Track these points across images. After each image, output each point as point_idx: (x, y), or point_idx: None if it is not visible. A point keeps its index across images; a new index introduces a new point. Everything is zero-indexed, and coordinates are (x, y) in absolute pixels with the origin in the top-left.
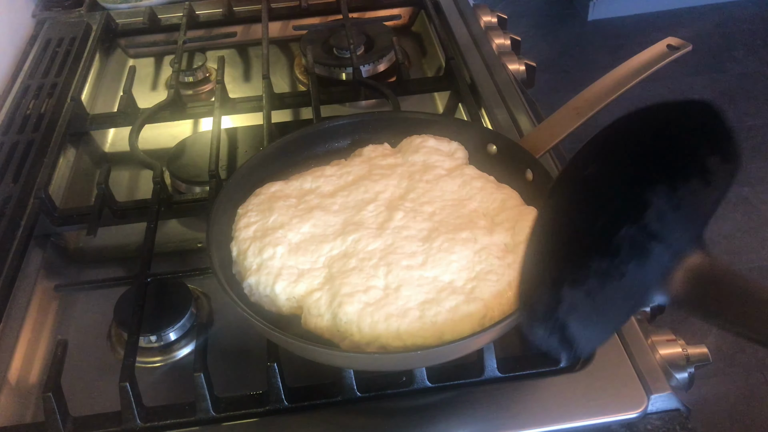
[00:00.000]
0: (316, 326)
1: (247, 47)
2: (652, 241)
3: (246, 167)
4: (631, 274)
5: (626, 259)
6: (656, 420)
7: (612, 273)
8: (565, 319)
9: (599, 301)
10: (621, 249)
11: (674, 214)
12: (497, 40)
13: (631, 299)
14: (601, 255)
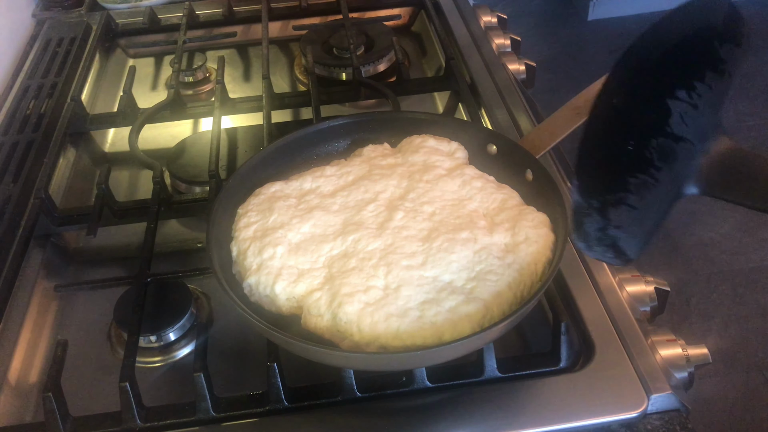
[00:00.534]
0: (316, 326)
1: (247, 47)
2: (679, 143)
3: (246, 167)
4: (665, 178)
5: (658, 166)
6: (656, 420)
7: (648, 183)
8: (615, 236)
9: (642, 210)
10: (653, 160)
11: (694, 112)
12: (497, 40)
13: (668, 197)
14: (637, 171)
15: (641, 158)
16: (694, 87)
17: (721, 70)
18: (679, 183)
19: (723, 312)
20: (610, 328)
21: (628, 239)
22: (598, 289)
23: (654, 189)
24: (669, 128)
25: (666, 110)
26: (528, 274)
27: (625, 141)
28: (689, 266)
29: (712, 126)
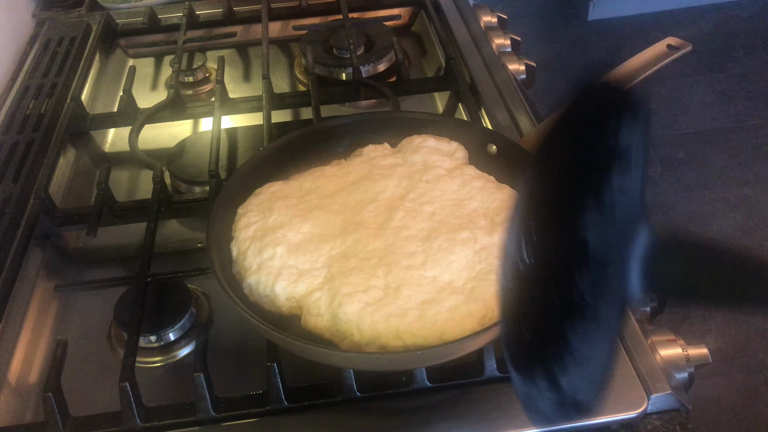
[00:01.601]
0: (315, 326)
1: (247, 47)
2: (607, 269)
3: (246, 167)
4: (604, 309)
5: (595, 305)
6: (656, 420)
7: (589, 328)
8: (573, 398)
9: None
10: (586, 303)
11: (612, 228)
12: (497, 40)
13: (614, 322)
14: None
15: (573, 307)
16: (603, 202)
17: (626, 166)
18: (621, 305)
19: (723, 312)
20: None
21: (586, 391)
22: None
23: (598, 330)
24: (592, 261)
25: (582, 243)
26: None
27: (551, 299)
28: None
29: (636, 226)
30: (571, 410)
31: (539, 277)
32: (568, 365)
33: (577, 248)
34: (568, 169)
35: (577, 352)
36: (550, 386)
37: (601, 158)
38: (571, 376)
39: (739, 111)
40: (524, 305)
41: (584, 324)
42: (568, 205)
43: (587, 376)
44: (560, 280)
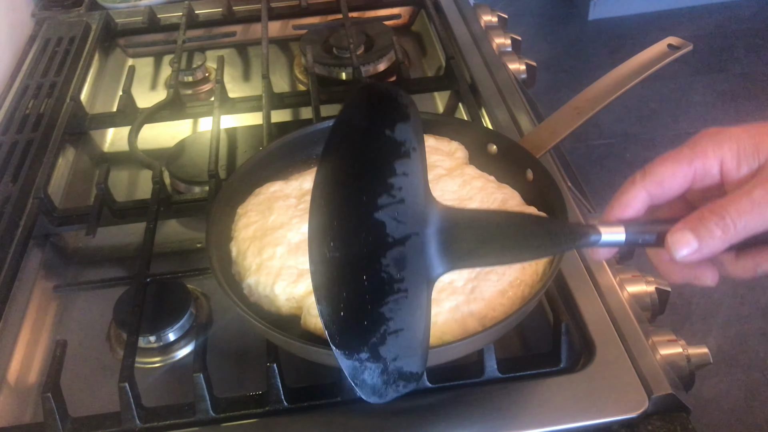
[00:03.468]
0: (315, 326)
1: (246, 47)
2: (406, 243)
3: (246, 167)
4: (411, 281)
5: (400, 277)
6: (657, 420)
7: (400, 299)
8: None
9: (407, 326)
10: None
11: (404, 206)
12: (497, 39)
13: (423, 293)
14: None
15: (380, 282)
16: (391, 185)
17: (404, 153)
18: (425, 274)
19: (723, 312)
20: (610, 329)
21: (409, 360)
22: (598, 289)
23: (407, 299)
24: (390, 237)
25: (379, 224)
26: (529, 273)
27: (359, 278)
28: None
29: (423, 204)
30: (396, 378)
31: (346, 259)
32: (384, 336)
33: (376, 229)
34: (354, 160)
35: (390, 321)
36: (371, 357)
37: (382, 149)
38: (389, 346)
39: (740, 111)
40: (336, 286)
41: (394, 296)
42: (362, 192)
43: (405, 344)
44: (365, 258)
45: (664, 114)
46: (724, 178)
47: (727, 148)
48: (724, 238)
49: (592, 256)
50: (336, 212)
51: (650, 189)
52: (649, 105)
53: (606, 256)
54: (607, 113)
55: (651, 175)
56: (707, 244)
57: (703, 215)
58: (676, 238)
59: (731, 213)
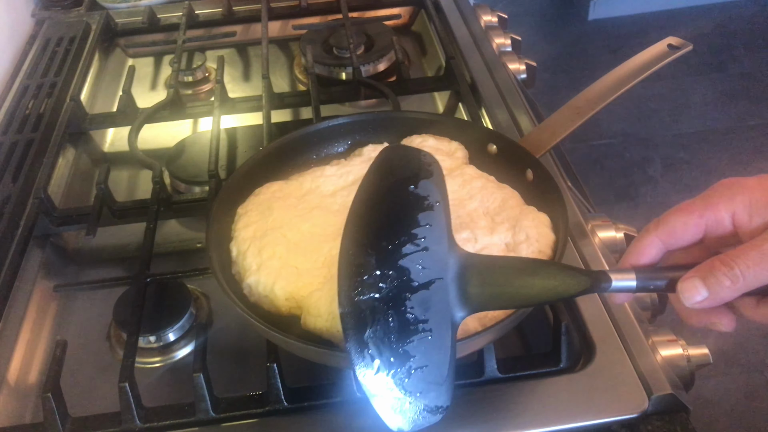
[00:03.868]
0: (315, 326)
1: (246, 47)
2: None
3: (246, 167)
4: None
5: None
6: (657, 420)
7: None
8: (423, 401)
9: (431, 363)
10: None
11: (428, 254)
12: (497, 39)
13: (447, 333)
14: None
15: (406, 322)
16: (415, 235)
17: (428, 206)
18: (447, 317)
19: None
20: (610, 329)
21: (434, 394)
22: None
23: (431, 338)
24: (415, 282)
25: (405, 271)
26: None
27: (386, 319)
28: None
29: (446, 252)
30: (421, 410)
31: (374, 304)
32: (410, 370)
33: (401, 274)
34: (381, 213)
35: (414, 358)
36: (398, 390)
37: (407, 203)
38: (414, 381)
39: (740, 111)
40: (364, 326)
41: (419, 335)
42: (388, 241)
43: (431, 379)
44: (392, 302)
45: (663, 114)
46: (738, 229)
47: (740, 200)
48: (734, 288)
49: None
50: (363, 260)
51: (663, 238)
52: (649, 105)
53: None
54: (607, 113)
55: (664, 225)
56: (716, 293)
57: (713, 265)
58: (687, 286)
59: (740, 264)
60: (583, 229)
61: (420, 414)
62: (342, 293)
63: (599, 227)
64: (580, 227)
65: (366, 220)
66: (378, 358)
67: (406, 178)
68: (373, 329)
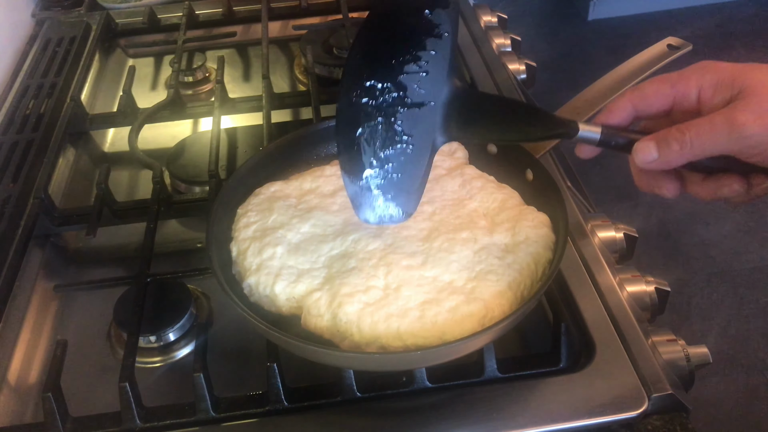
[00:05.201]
0: (315, 326)
1: (246, 47)
2: (421, 108)
3: (246, 167)
4: (418, 140)
5: (410, 134)
6: (656, 420)
7: (404, 151)
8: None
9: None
10: (403, 131)
11: (427, 77)
12: (497, 39)
13: (425, 153)
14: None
15: (392, 132)
16: (419, 57)
17: (438, 34)
18: (430, 138)
19: (723, 312)
20: (610, 329)
21: (402, 200)
22: (598, 289)
23: (411, 152)
24: (409, 99)
25: (402, 86)
26: (528, 274)
27: (376, 122)
28: (689, 266)
29: (444, 80)
30: (387, 209)
31: (368, 105)
32: (387, 174)
33: (400, 89)
34: (393, 30)
35: (392, 165)
36: (370, 187)
37: (419, 26)
38: (387, 183)
39: None
40: (355, 124)
41: (401, 146)
42: (393, 57)
43: (402, 186)
44: (384, 111)
45: None
46: (701, 105)
47: (708, 78)
48: (681, 153)
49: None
50: (368, 67)
51: (635, 102)
52: None
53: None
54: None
55: (638, 90)
56: (665, 155)
57: (669, 131)
58: (641, 147)
59: (691, 132)
60: (583, 229)
61: (386, 212)
62: (342, 92)
63: (599, 227)
64: (580, 227)
65: (378, 33)
66: (362, 156)
67: (423, 2)
68: (363, 130)
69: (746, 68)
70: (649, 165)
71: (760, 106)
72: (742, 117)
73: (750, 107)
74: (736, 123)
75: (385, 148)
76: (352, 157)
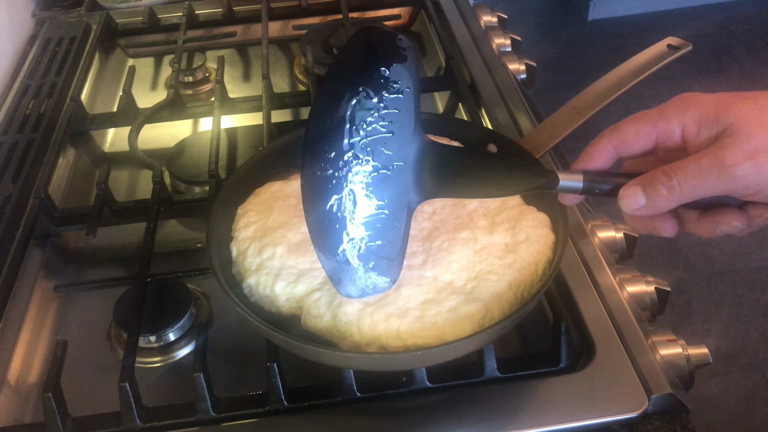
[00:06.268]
0: (315, 326)
1: (246, 47)
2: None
3: (246, 167)
4: (392, 203)
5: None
6: (656, 420)
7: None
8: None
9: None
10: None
11: (393, 138)
12: (497, 40)
13: (402, 214)
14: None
15: (364, 202)
16: (382, 118)
17: (398, 91)
18: (404, 200)
19: (723, 312)
20: (610, 329)
21: (386, 268)
22: (598, 289)
23: (386, 218)
24: (377, 164)
25: (368, 152)
26: (528, 274)
27: (346, 196)
28: (689, 266)
29: (412, 138)
30: (369, 280)
31: (333, 178)
32: (364, 245)
33: (365, 156)
34: (350, 96)
35: (369, 234)
36: (348, 260)
37: (378, 85)
38: (367, 254)
39: None
40: (322, 198)
41: (375, 214)
42: (354, 125)
43: (382, 254)
44: (353, 180)
45: None
46: (686, 143)
47: (691, 114)
48: (670, 198)
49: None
50: (328, 139)
51: (615, 144)
52: (649, 105)
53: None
54: (607, 113)
55: (617, 132)
56: (654, 201)
57: (654, 175)
58: (627, 193)
59: (678, 176)
60: (583, 229)
61: (369, 283)
62: (305, 167)
63: (599, 227)
64: (580, 227)
65: (335, 97)
66: (334, 230)
67: (378, 59)
68: (332, 203)
69: (730, 100)
70: (637, 212)
71: (749, 143)
72: (731, 157)
73: (738, 145)
74: (724, 164)
75: (359, 218)
76: (324, 233)
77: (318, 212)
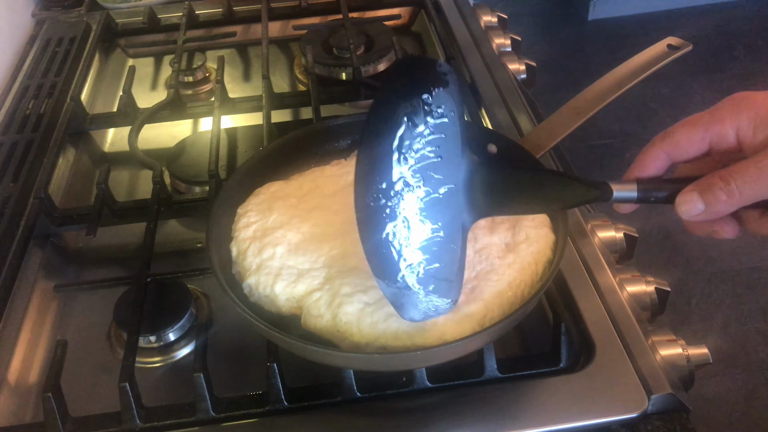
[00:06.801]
0: (315, 326)
1: (246, 47)
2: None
3: (246, 167)
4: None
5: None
6: (656, 420)
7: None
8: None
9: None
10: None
11: (442, 163)
12: (497, 39)
13: (458, 236)
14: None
15: (419, 227)
16: (429, 144)
17: (442, 115)
18: (458, 221)
19: (723, 312)
20: (610, 328)
21: (446, 290)
22: (598, 289)
23: (441, 241)
24: (429, 189)
25: (419, 178)
26: (528, 273)
27: (400, 223)
28: (689, 266)
29: (460, 161)
30: (430, 303)
31: (387, 207)
32: (423, 268)
33: (416, 183)
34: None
35: (427, 258)
36: (408, 285)
37: (422, 112)
38: (426, 277)
39: None
40: (380, 228)
41: (431, 237)
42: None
43: (441, 276)
44: (406, 207)
45: (663, 114)
46: (741, 144)
47: (745, 116)
48: (730, 203)
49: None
50: (377, 170)
51: (668, 150)
52: (649, 105)
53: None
54: (607, 113)
55: (669, 138)
56: (712, 206)
57: (711, 180)
58: (684, 200)
59: (737, 180)
60: (583, 229)
61: (431, 305)
62: (358, 198)
63: (599, 227)
64: (580, 227)
65: (381, 130)
66: (392, 257)
67: (419, 87)
68: (388, 231)
69: None
70: (696, 218)
71: None
72: None
73: None
74: None
75: (415, 243)
76: (382, 261)
77: (374, 241)
